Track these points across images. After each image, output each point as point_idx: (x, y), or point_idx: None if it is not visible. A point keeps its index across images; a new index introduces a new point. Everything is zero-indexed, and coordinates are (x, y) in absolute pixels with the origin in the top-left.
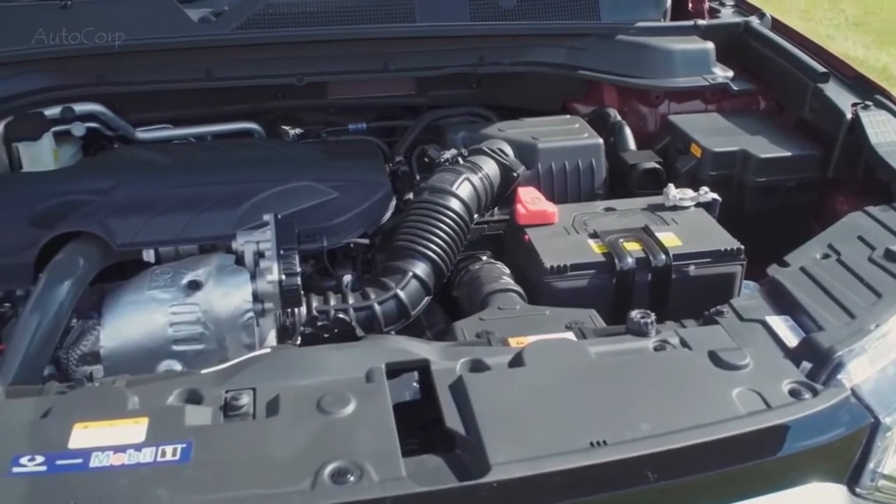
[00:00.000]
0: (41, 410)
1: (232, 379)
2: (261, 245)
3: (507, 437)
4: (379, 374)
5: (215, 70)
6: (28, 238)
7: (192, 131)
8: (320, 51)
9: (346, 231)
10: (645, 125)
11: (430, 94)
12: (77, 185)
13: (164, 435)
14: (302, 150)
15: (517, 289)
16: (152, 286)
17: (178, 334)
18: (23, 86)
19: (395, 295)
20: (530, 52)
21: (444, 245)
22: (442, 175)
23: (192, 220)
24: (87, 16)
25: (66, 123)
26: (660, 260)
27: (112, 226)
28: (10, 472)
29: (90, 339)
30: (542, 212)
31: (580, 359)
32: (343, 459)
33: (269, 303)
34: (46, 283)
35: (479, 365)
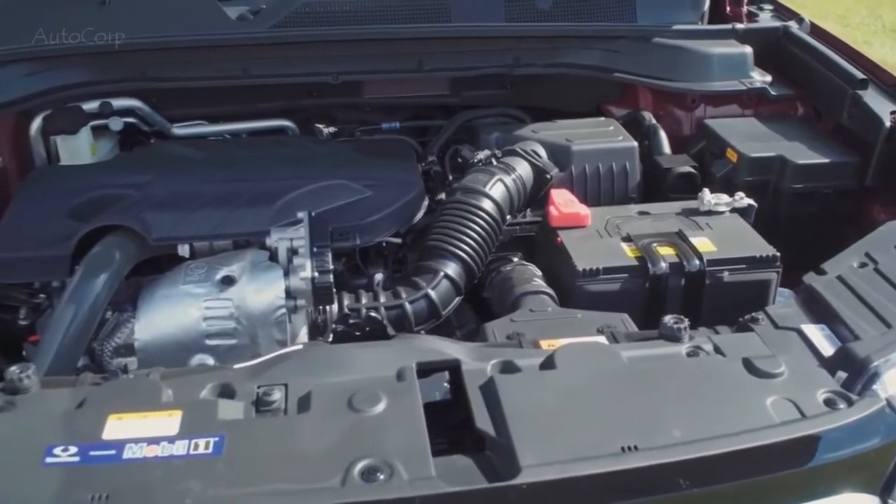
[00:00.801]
0: (76, 401)
1: (264, 374)
2: (294, 242)
3: (538, 440)
4: (410, 373)
5: (252, 68)
6: (65, 230)
7: (227, 128)
8: (356, 50)
9: (378, 230)
10: (680, 129)
11: (464, 94)
12: (114, 179)
13: (197, 428)
14: (336, 148)
15: (549, 291)
16: (187, 281)
17: (212, 329)
18: (61, 80)
19: (426, 294)
20: (565, 54)
21: (476, 246)
22: (475, 176)
23: (226, 215)
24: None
25: (104, 118)
26: (694, 265)
27: (148, 220)
28: (44, 463)
29: (125, 331)
30: (576, 214)
31: (612, 363)
32: (373, 457)
33: (301, 300)
34: (83, 276)
35: (509, 366)
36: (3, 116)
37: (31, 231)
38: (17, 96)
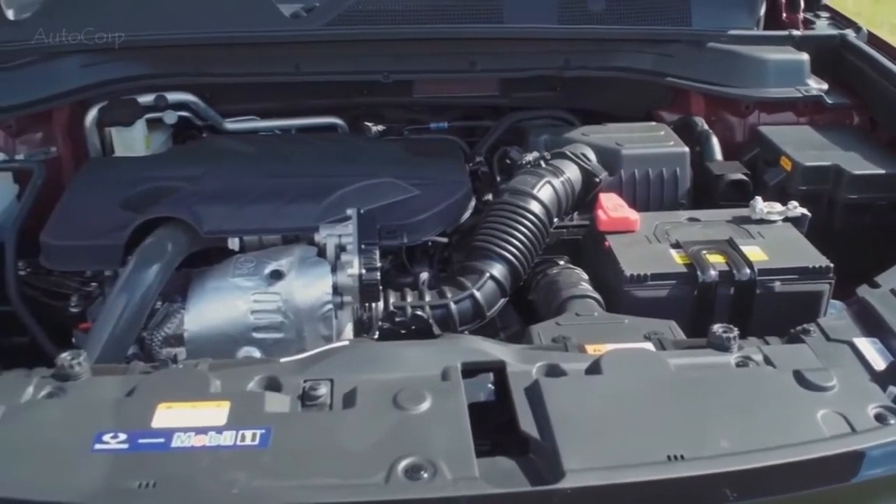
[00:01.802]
0: (126, 389)
1: (310, 369)
2: (343, 239)
3: (582, 445)
4: (455, 372)
5: (304, 65)
6: (119, 221)
7: (277, 124)
8: (407, 49)
9: (426, 229)
10: (733, 135)
11: (514, 95)
12: (168, 171)
13: (245, 420)
14: (385, 146)
15: (595, 295)
16: (236, 274)
17: (259, 322)
18: (117, 72)
19: (471, 295)
20: (617, 57)
21: (523, 247)
22: (523, 177)
23: (276, 210)
24: (183, 8)
25: (159, 111)
26: (744, 274)
27: (200, 213)
28: (93, 449)
29: (174, 321)
30: (624, 219)
31: (659, 370)
32: (417, 456)
33: (347, 296)
34: (136, 266)
35: (555, 370)
36: (59, 107)
37: (84, 220)
38: (73, 87)
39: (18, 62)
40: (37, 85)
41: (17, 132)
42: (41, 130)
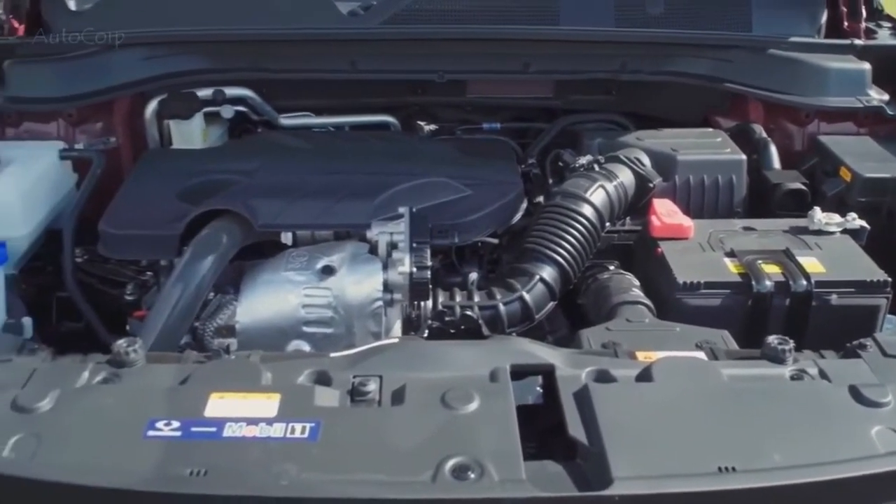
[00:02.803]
0: (180, 377)
1: (360, 364)
2: (394, 236)
3: (632, 452)
4: (503, 374)
5: (360, 62)
6: (176, 212)
7: (331, 121)
8: (462, 49)
9: (477, 229)
10: (791, 144)
11: (568, 97)
12: (224, 165)
13: (295, 412)
14: (437, 145)
15: (647, 302)
16: (288, 268)
17: (310, 316)
18: (178, 66)
19: (520, 297)
20: (675, 62)
21: (573, 251)
22: (576, 180)
23: (329, 207)
24: (242, 4)
25: (217, 105)
26: (800, 285)
27: (255, 207)
28: (146, 435)
29: (226, 313)
30: (678, 225)
31: (712, 380)
32: (465, 456)
33: (397, 293)
34: (191, 257)
35: (605, 376)
36: (120, 98)
37: (142, 210)
38: (133, 79)
39: (80, 53)
40: (98, 76)
41: (78, 122)
42: (101, 121)
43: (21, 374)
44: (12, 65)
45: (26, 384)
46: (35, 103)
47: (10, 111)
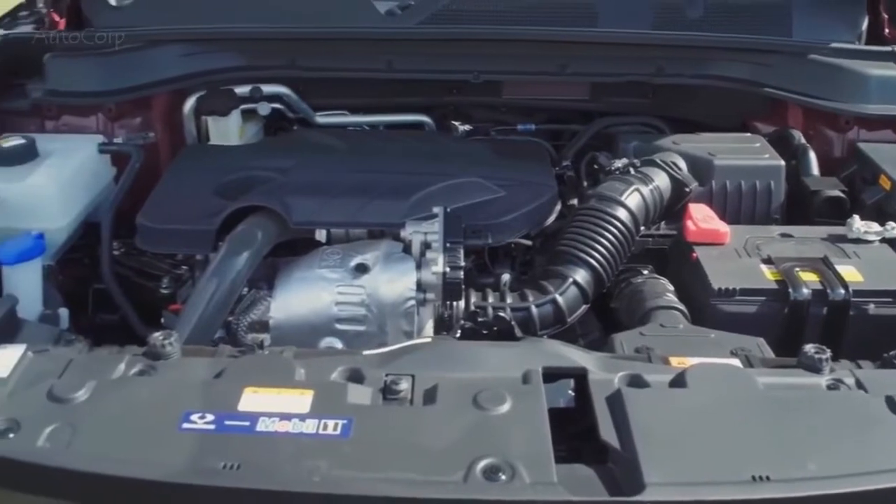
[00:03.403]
0: (214, 371)
1: (393, 363)
2: (428, 236)
3: (664, 458)
4: (536, 376)
5: (396, 62)
6: (212, 207)
7: (366, 119)
8: (499, 49)
9: (510, 230)
10: (830, 150)
11: (604, 100)
12: (260, 161)
13: (327, 409)
14: (472, 146)
15: (681, 307)
16: (322, 265)
17: (342, 314)
18: (216, 63)
19: (553, 300)
20: (713, 66)
21: (608, 254)
22: (611, 183)
23: (364, 205)
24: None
25: (254, 102)
26: (838, 294)
27: (290, 204)
28: (181, 428)
29: (260, 308)
30: (714, 231)
31: (746, 388)
32: (496, 457)
33: (430, 293)
34: (227, 252)
35: (638, 380)
36: (159, 94)
37: (179, 205)
38: (173, 75)
39: (120, 48)
40: (137, 71)
41: (117, 116)
42: (140, 116)
43: (58, 365)
44: (52, 58)
45: (62, 374)
46: (75, 97)
47: (49, 104)
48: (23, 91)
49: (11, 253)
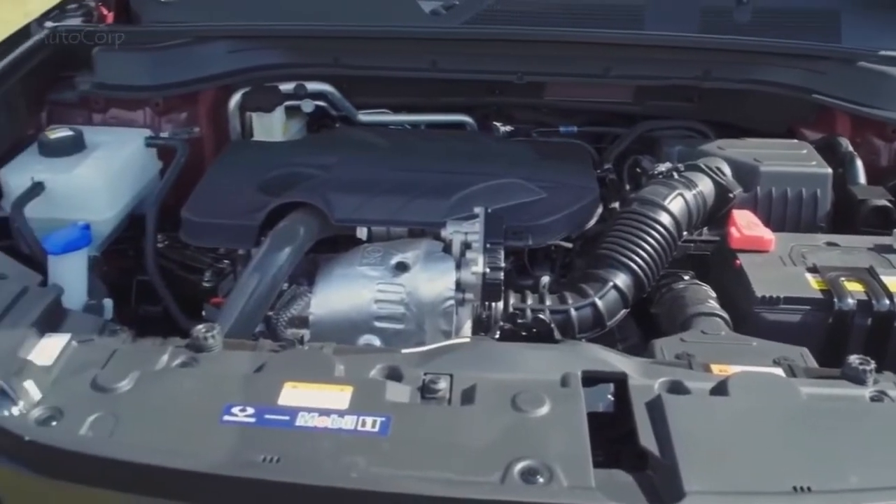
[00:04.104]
0: (255, 365)
1: (431, 362)
2: (469, 236)
3: (704, 466)
4: (575, 380)
5: (440, 61)
6: (256, 203)
7: (408, 118)
8: (543, 51)
9: (551, 232)
10: (878, 159)
11: (648, 103)
12: (303, 158)
13: (366, 406)
14: (513, 147)
15: (723, 314)
16: (363, 263)
17: (382, 311)
18: (261, 60)
19: (592, 303)
20: (760, 70)
21: (649, 259)
22: (654, 188)
23: (405, 204)
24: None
25: (298, 99)
26: (883, 305)
27: (332, 201)
28: (222, 420)
29: (300, 304)
30: (758, 238)
31: (789, 397)
32: (534, 459)
33: (469, 293)
34: (269, 248)
35: (678, 387)
36: (205, 89)
37: (223, 200)
38: (219, 71)
39: (168, 43)
40: (185, 67)
41: (164, 111)
42: (186, 111)
43: (102, 354)
44: (101, 52)
45: (106, 364)
46: (123, 91)
47: (97, 97)
48: (71, 83)
49: (58, 243)
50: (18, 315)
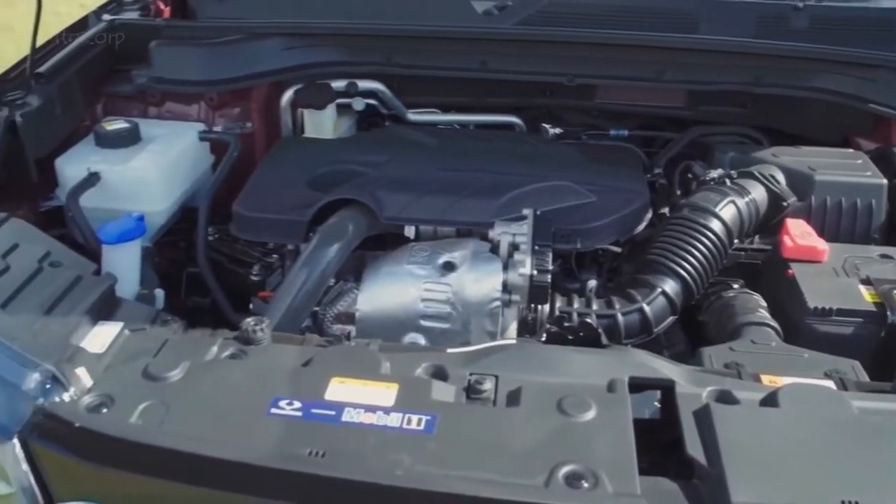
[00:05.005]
0: (302, 359)
1: (477, 363)
2: (517, 238)
3: (752, 478)
4: (621, 385)
5: (491, 62)
6: (305, 199)
7: (458, 118)
8: (595, 53)
9: (600, 236)
10: None
11: (700, 108)
12: (354, 156)
13: (412, 404)
14: (563, 149)
15: (774, 324)
16: (410, 261)
17: (428, 310)
18: (315, 57)
19: (640, 309)
20: (816, 78)
21: (699, 266)
22: (706, 194)
23: (453, 203)
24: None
25: (349, 97)
26: None
27: (381, 199)
28: (268, 413)
29: (347, 300)
30: (812, 248)
31: (840, 411)
32: (579, 464)
33: (516, 295)
34: (318, 243)
35: (727, 396)
36: (259, 85)
37: (274, 195)
38: (273, 68)
39: (223, 39)
40: (239, 63)
41: (218, 105)
42: (239, 106)
43: (153, 344)
44: (158, 46)
45: (158, 353)
46: (179, 85)
47: (154, 91)
48: (128, 76)
49: (113, 233)
50: (72, 302)
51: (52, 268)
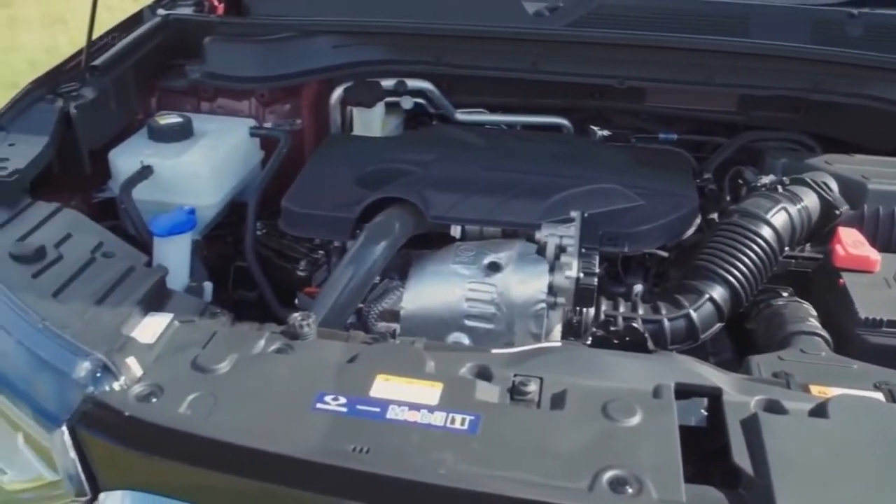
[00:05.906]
0: (348, 355)
1: (522, 364)
2: (564, 240)
3: (800, 490)
4: (667, 391)
5: (541, 63)
6: (353, 196)
7: (506, 119)
8: (645, 56)
9: (647, 240)
10: None
11: (751, 113)
12: (402, 154)
13: (456, 403)
14: (611, 152)
15: (824, 334)
16: (456, 261)
17: (472, 310)
18: (364, 55)
19: (686, 315)
20: (871, 85)
21: (748, 273)
22: (757, 200)
23: (500, 204)
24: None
25: (398, 96)
26: None
27: (428, 198)
28: (314, 408)
29: (391, 298)
30: (864, 257)
31: (890, 423)
32: (623, 469)
33: (561, 297)
34: (365, 241)
35: (776, 406)
36: (309, 82)
37: (322, 191)
38: (323, 65)
39: (275, 36)
40: (291, 60)
41: (268, 102)
42: (289, 103)
43: (202, 336)
44: (212, 42)
45: (207, 345)
46: (231, 81)
47: (206, 86)
48: (181, 71)
49: (164, 226)
50: (124, 293)
51: (105, 258)
